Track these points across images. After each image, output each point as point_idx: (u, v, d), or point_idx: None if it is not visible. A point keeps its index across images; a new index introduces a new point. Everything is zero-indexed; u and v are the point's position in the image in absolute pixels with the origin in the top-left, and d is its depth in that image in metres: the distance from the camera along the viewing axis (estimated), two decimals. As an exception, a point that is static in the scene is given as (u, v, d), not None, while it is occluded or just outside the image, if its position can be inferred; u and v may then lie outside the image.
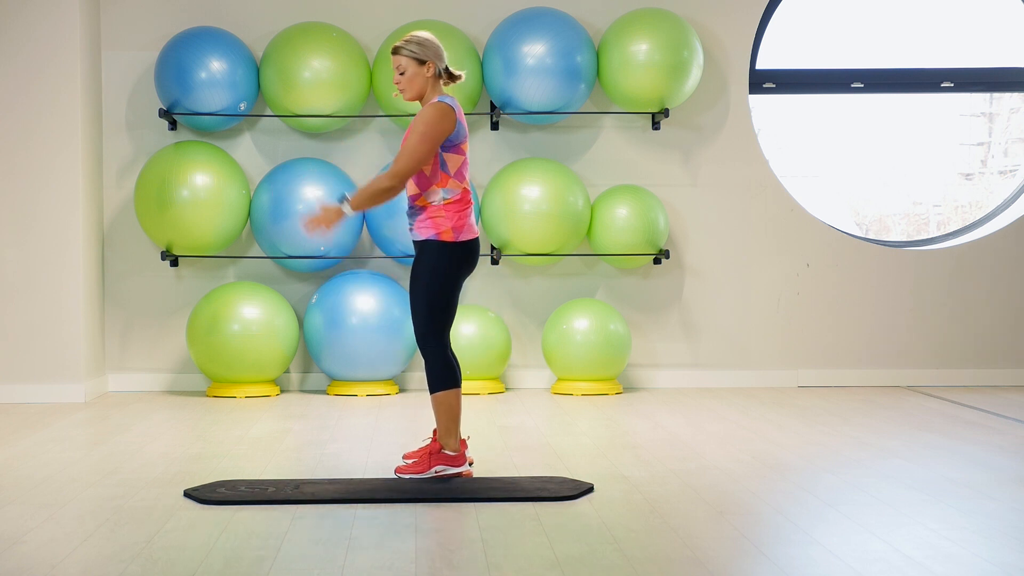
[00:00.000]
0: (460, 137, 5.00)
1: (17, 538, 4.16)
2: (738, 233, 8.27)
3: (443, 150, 4.97)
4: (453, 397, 5.02)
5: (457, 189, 5.01)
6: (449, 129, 4.95)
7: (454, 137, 4.98)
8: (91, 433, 6.40)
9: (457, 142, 5.00)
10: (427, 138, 4.91)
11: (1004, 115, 12.86)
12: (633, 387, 8.20)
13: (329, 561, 3.87)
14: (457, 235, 5.00)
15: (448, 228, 4.99)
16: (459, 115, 5.00)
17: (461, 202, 5.02)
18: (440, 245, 5.00)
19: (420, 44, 5.00)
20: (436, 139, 4.92)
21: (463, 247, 5.03)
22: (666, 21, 7.82)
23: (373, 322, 7.58)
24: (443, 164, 4.98)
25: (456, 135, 4.99)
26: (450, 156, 4.99)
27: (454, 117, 4.96)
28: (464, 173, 5.04)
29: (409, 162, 4.92)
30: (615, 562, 3.86)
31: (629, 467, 5.37)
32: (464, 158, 5.03)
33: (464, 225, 5.03)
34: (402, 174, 4.93)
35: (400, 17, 8.01)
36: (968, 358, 8.39)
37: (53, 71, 7.53)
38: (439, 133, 4.92)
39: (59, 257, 7.55)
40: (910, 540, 4.11)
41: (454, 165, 5.00)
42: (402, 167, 4.93)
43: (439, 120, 4.93)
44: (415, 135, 4.92)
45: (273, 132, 8.08)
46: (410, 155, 4.91)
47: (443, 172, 4.98)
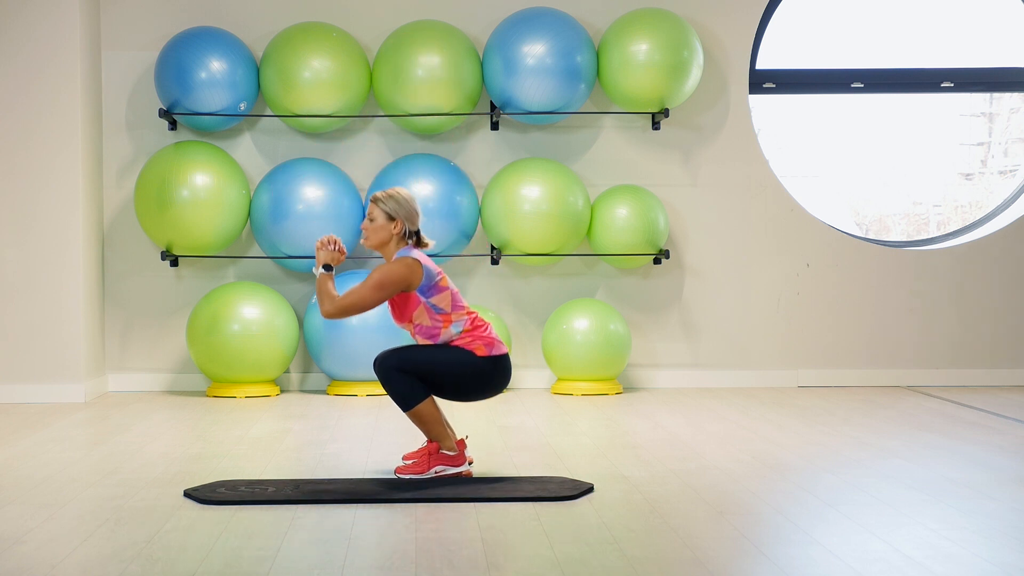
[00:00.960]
0: (433, 279, 4.99)
1: (17, 538, 4.16)
2: (738, 233, 8.27)
3: (426, 298, 4.97)
4: (426, 407, 5.01)
5: (463, 317, 5.02)
6: (415, 281, 4.95)
7: (427, 282, 4.97)
8: (91, 433, 6.40)
9: (433, 283, 4.99)
10: (382, 288, 4.94)
11: (1004, 115, 12.85)
12: (633, 387, 8.20)
13: (329, 561, 3.87)
14: (489, 351, 5.02)
15: (480, 345, 5.01)
16: (424, 260, 4.99)
17: (476, 327, 5.04)
18: (472, 355, 5.00)
19: (396, 201, 5.05)
20: (390, 291, 4.94)
21: (495, 361, 5.03)
22: (666, 21, 7.82)
23: (373, 322, 7.57)
24: (435, 308, 4.98)
25: (428, 280, 4.97)
26: (436, 298, 4.99)
27: (419, 269, 4.96)
28: (460, 303, 5.03)
29: (356, 303, 4.96)
30: (615, 562, 3.86)
31: (629, 467, 5.37)
32: (450, 291, 5.02)
33: (493, 342, 5.04)
34: (342, 310, 4.97)
35: (400, 17, 8.01)
36: (968, 358, 8.39)
37: (53, 71, 7.53)
38: (396, 287, 4.94)
39: (59, 257, 7.55)
40: (910, 540, 4.11)
41: (445, 302, 5.00)
42: (347, 305, 4.97)
43: (403, 276, 4.94)
44: (371, 282, 4.94)
45: (273, 132, 8.08)
46: (359, 298, 4.96)
47: (440, 314, 4.99)
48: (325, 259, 5.08)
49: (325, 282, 5.04)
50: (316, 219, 7.62)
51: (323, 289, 5.03)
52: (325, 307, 5.00)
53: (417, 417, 5.03)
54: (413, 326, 5.04)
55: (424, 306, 4.98)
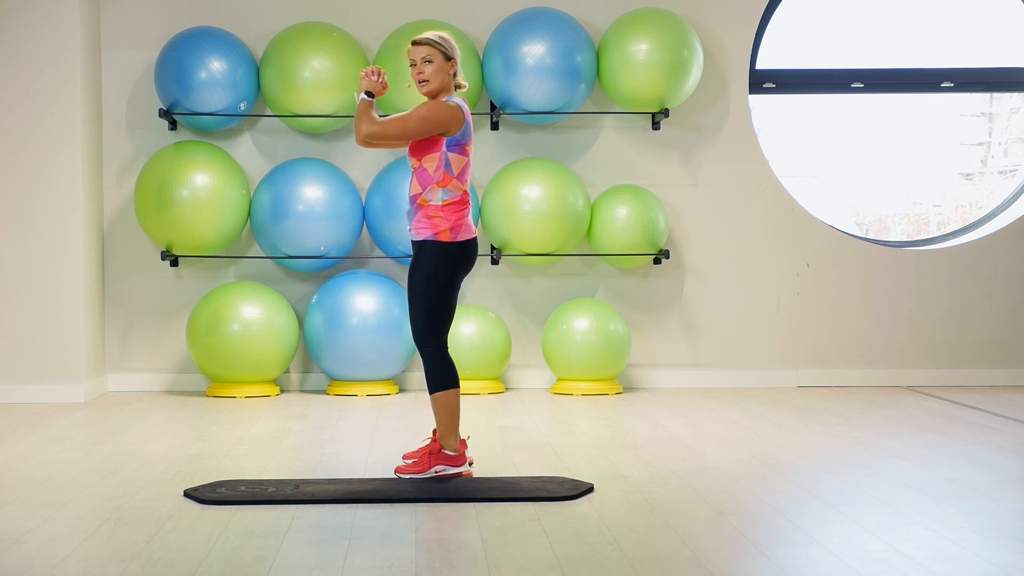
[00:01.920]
0: (466, 138, 5.02)
1: (17, 538, 4.16)
2: (738, 233, 8.27)
3: (449, 150, 4.98)
4: (453, 397, 5.03)
5: (458, 191, 5.03)
6: (454, 128, 4.96)
7: (460, 137, 4.99)
8: (91, 433, 6.40)
9: (463, 143, 5.01)
10: (425, 123, 4.91)
11: (1004, 115, 12.86)
12: (633, 387, 8.20)
13: (329, 561, 3.87)
14: (455, 235, 5.01)
15: (446, 228, 5.00)
16: (467, 117, 5.02)
17: (460, 203, 5.03)
18: (437, 246, 5.01)
19: (449, 41, 5.03)
20: (432, 129, 4.93)
21: (460, 247, 5.04)
22: (666, 21, 7.82)
23: (373, 322, 7.57)
24: (447, 164, 4.98)
25: (463, 135, 5.00)
26: (455, 157, 4.99)
27: (463, 118, 4.98)
28: (466, 176, 5.05)
29: (398, 130, 4.92)
30: (615, 562, 3.86)
31: (629, 467, 5.37)
32: (468, 160, 5.04)
33: (462, 225, 5.04)
34: (384, 134, 4.93)
35: (400, 17, 8.01)
36: (968, 358, 8.39)
37: (53, 71, 7.53)
38: (438, 127, 4.93)
39: (59, 257, 7.55)
40: (910, 540, 4.11)
41: (458, 166, 5.01)
42: (388, 129, 4.92)
43: (446, 117, 4.94)
44: (418, 114, 4.92)
45: (273, 132, 8.08)
46: (401, 126, 4.92)
47: (447, 172, 4.99)
48: (368, 87, 5.02)
49: (367, 107, 4.98)
50: (316, 219, 7.62)
51: (365, 112, 4.96)
52: (366, 128, 4.92)
53: (439, 404, 5.03)
54: (419, 165, 5.02)
55: (442, 155, 4.97)
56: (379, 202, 7.73)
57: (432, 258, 5.02)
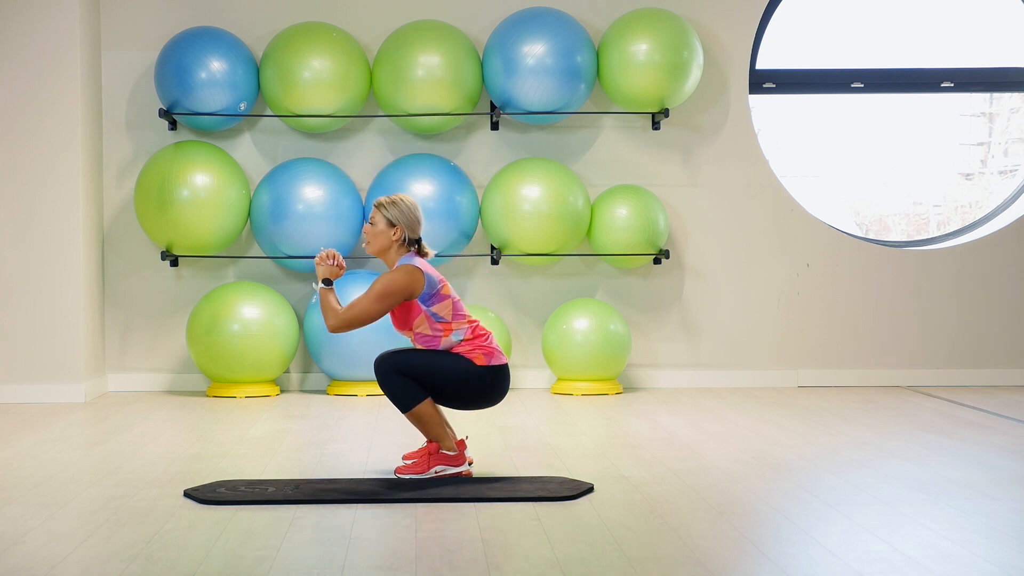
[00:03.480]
0: (435, 287, 4.98)
1: (17, 538, 4.16)
2: (738, 233, 8.27)
3: (427, 306, 4.96)
4: (424, 408, 5.00)
5: (464, 325, 5.02)
6: (417, 289, 4.95)
7: (429, 291, 4.97)
8: (91, 433, 6.40)
9: (435, 292, 4.98)
10: (383, 298, 4.93)
11: (1004, 115, 12.86)
12: (633, 387, 8.20)
13: (329, 561, 3.87)
14: (489, 360, 5.01)
15: (480, 355, 5.00)
16: (426, 268, 4.99)
17: (476, 336, 5.03)
18: (472, 363, 4.99)
19: (398, 208, 5.03)
20: (395, 300, 4.94)
21: (495, 371, 5.02)
22: (666, 21, 7.82)
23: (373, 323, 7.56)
24: (436, 317, 4.98)
25: (430, 288, 4.97)
26: (439, 307, 4.98)
27: (421, 276, 4.95)
28: (461, 311, 5.02)
29: (360, 316, 4.96)
30: (615, 562, 3.86)
31: (629, 467, 5.37)
32: (452, 299, 5.01)
33: (493, 352, 5.03)
34: (347, 324, 4.97)
35: (400, 17, 8.01)
36: (968, 358, 8.39)
37: (53, 71, 7.53)
38: (399, 296, 4.93)
39: (59, 257, 7.54)
40: (910, 540, 4.11)
41: (446, 311, 4.99)
42: (351, 318, 4.96)
43: (405, 284, 4.93)
44: (373, 293, 4.94)
45: (273, 132, 8.08)
46: (362, 310, 4.95)
47: (441, 323, 4.99)
48: (324, 274, 5.06)
49: (327, 296, 5.03)
50: (316, 219, 7.62)
51: (326, 304, 5.02)
52: (330, 322, 4.99)
53: (416, 418, 5.03)
54: (414, 334, 5.04)
55: (425, 314, 4.97)
56: (379, 202, 7.72)
57: (466, 363, 4.98)
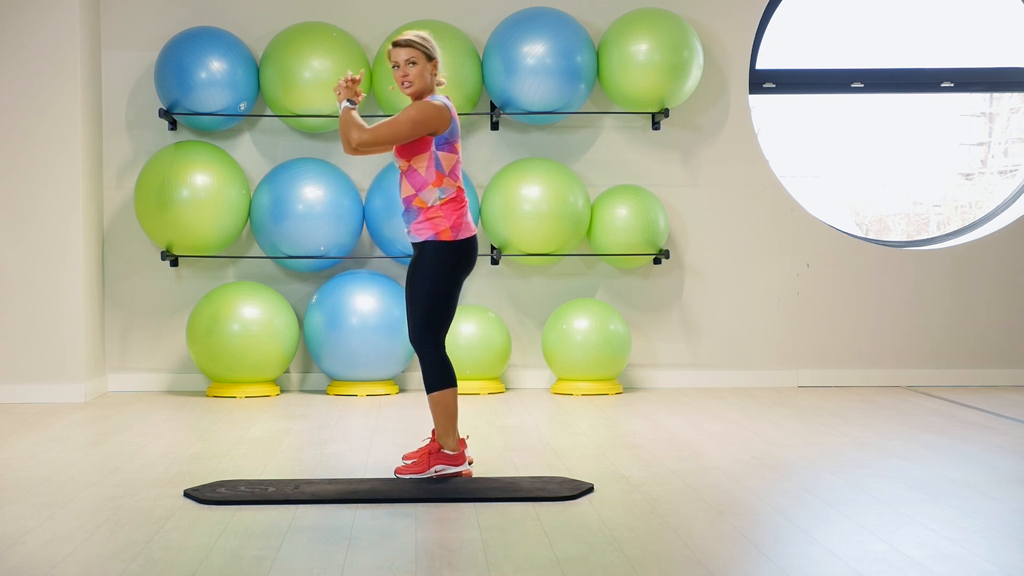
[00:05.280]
0: (454, 136, 5.03)
1: (17, 538, 4.16)
2: (738, 233, 8.27)
3: (438, 148, 4.99)
4: (450, 396, 5.03)
5: (452, 188, 5.03)
6: (442, 128, 4.97)
7: (448, 135, 5.00)
8: (91, 433, 6.40)
9: (452, 140, 5.02)
10: (415, 125, 4.91)
11: (1004, 115, 12.86)
12: (633, 387, 8.20)
13: (329, 561, 3.87)
14: (456, 234, 5.01)
15: (446, 227, 5.00)
16: (454, 115, 5.03)
17: (457, 200, 5.03)
18: (439, 245, 5.01)
19: (430, 41, 5.04)
20: (421, 131, 4.93)
21: (462, 246, 5.04)
22: (666, 21, 7.82)
23: (373, 322, 7.57)
24: (438, 163, 4.99)
25: (450, 133, 5.01)
26: (444, 155, 5.00)
27: (450, 116, 4.99)
28: (458, 172, 5.06)
29: (388, 135, 4.92)
30: (615, 562, 3.86)
31: (629, 467, 5.37)
32: (457, 157, 5.05)
33: (462, 224, 5.04)
34: (375, 139, 4.93)
35: (400, 17, 8.01)
36: (968, 358, 8.39)
37: (53, 71, 7.53)
38: (427, 128, 4.93)
39: (59, 257, 7.54)
40: (910, 540, 4.11)
41: (448, 163, 5.01)
42: (379, 135, 4.92)
43: (434, 117, 4.94)
44: (405, 117, 4.91)
45: (273, 132, 8.08)
46: (391, 130, 4.91)
47: (438, 171, 4.99)
48: (347, 95, 5.04)
49: (350, 114, 4.99)
50: (316, 219, 7.63)
51: (350, 120, 4.97)
52: (356, 136, 4.93)
53: (436, 403, 5.03)
54: (408, 166, 5.01)
55: (431, 154, 4.98)
56: (379, 202, 7.73)
57: (433, 258, 5.02)
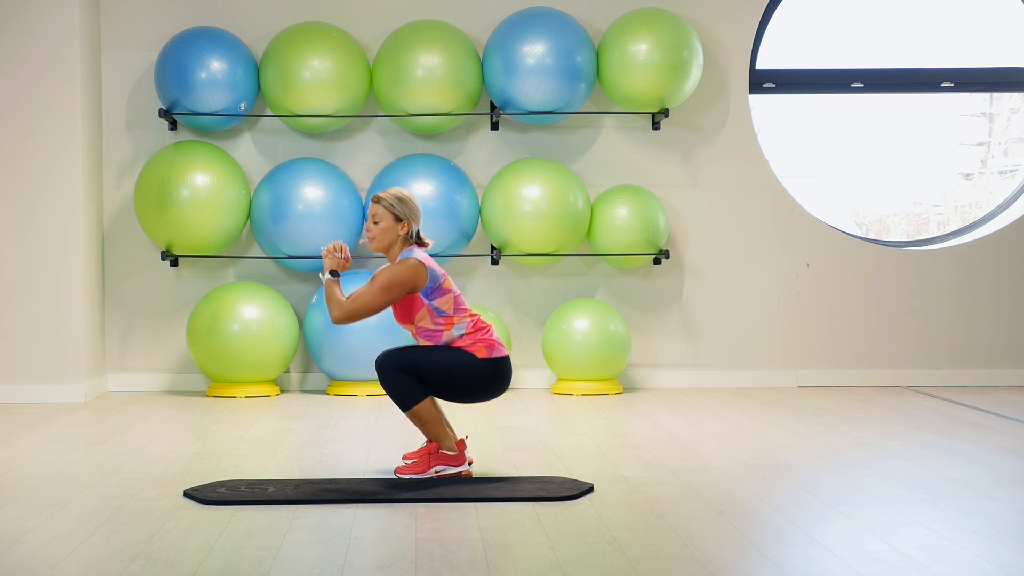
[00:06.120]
0: (437, 281, 4.99)
1: (17, 538, 4.16)
2: (738, 233, 8.27)
3: (429, 300, 4.97)
4: (425, 407, 5.01)
5: (465, 319, 5.02)
6: (420, 283, 4.95)
7: (431, 284, 4.97)
8: (91, 433, 6.40)
9: (438, 285, 4.99)
10: (388, 290, 4.93)
11: (1004, 115, 12.86)
12: (633, 387, 8.20)
13: (329, 561, 3.87)
14: (490, 353, 5.01)
15: (481, 348, 5.01)
16: (427, 262, 4.99)
17: (478, 329, 5.03)
18: (473, 357, 4.99)
19: (402, 201, 5.05)
20: (398, 293, 4.94)
21: (495, 363, 5.02)
22: (666, 21, 7.82)
23: (373, 322, 7.56)
24: (438, 311, 4.98)
25: (432, 281, 4.98)
26: (439, 301, 4.99)
27: (424, 270, 4.96)
28: (463, 305, 5.03)
29: (363, 308, 4.96)
30: (615, 562, 3.86)
31: (629, 467, 5.37)
32: (453, 293, 5.02)
33: (494, 344, 5.04)
34: (350, 315, 4.97)
35: (400, 17, 8.01)
36: (968, 358, 8.39)
37: (53, 71, 7.53)
38: (402, 289, 4.94)
39: (59, 257, 7.54)
40: (910, 540, 4.11)
41: (448, 305, 5.00)
42: (355, 309, 4.96)
43: (406, 279, 4.94)
44: (377, 285, 4.94)
45: (273, 132, 8.08)
46: (365, 303, 4.96)
47: (443, 317, 4.99)
48: (331, 265, 5.08)
49: (332, 288, 5.04)
50: (316, 219, 7.63)
51: (331, 295, 5.02)
52: (334, 313, 4.99)
53: (416, 417, 5.03)
54: (415, 328, 5.04)
55: (427, 308, 4.98)
56: (379, 202, 7.72)
57: (467, 358, 4.98)
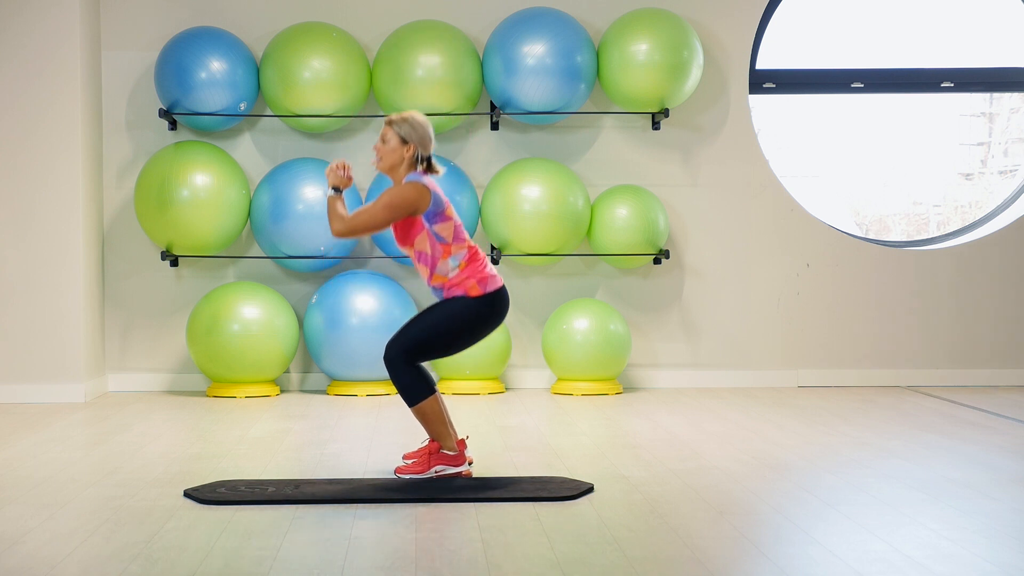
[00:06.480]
0: (440, 206, 5.02)
1: (17, 538, 4.16)
2: (738, 233, 8.27)
3: (430, 224, 5.00)
4: (432, 403, 5.02)
5: (463, 250, 5.04)
6: (423, 206, 4.98)
7: (434, 208, 5.01)
8: (91, 433, 6.40)
9: (440, 211, 5.02)
10: (391, 209, 4.97)
11: (1004, 115, 12.86)
12: (633, 387, 8.20)
13: (329, 561, 3.87)
14: (484, 287, 5.02)
15: (474, 284, 5.02)
16: (432, 187, 5.02)
17: (473, 259, 5.05)
18: (470, 300, 5.02)
19: (409, 124, 5.07)
20: (400, 214, 4.98)
21: (491, 299, 5.04)
22: (666, 21, 7.82)
23: (373, 322, 7.57)
24: (437, 236, 5.01)
25: (435, 206, 5.01)
26: (440, 227, 5.01)
27: (428, 193, 4.99)
28: (462, 234, 5.06)
29: (366, 223, 5.01)
30: (615, 562, 3.86)
31: (629, 467, 5.37)
32: (454, 221, 5.05)
33: (487, 277, 5.05)
34: (352, 230, 5.02)
35: (400, 17, 8.01)
36: (968, 358, 8.39)
37: (53, 71, 7.53)
38: (405, 210, 4.97)
39: (59, 257, 7.55)
40: (910, 540, 4.11)
41: (448, 232, 5.02)
42: (357, 224, 5.01)
43: (410, 198, 4.97)
44: (381, 203, 4.98)
45: (273, 132, 8.08)
46: (369, 218, 5.00)
47: (441, 243, 5.01)
48: (334, 182, 5.11)
49: (335, 203, 5.08)
50: (316, 219, 7.62)
51: (333, 209, 5.06)
52: (335, 226, 5.04)
53: (421, 413, 5.03)
54: (414, 251, 5.07)
55: (427, 232, 5.00)
56: (379, 202, 7.72)
57: (465, 308, 5.01)
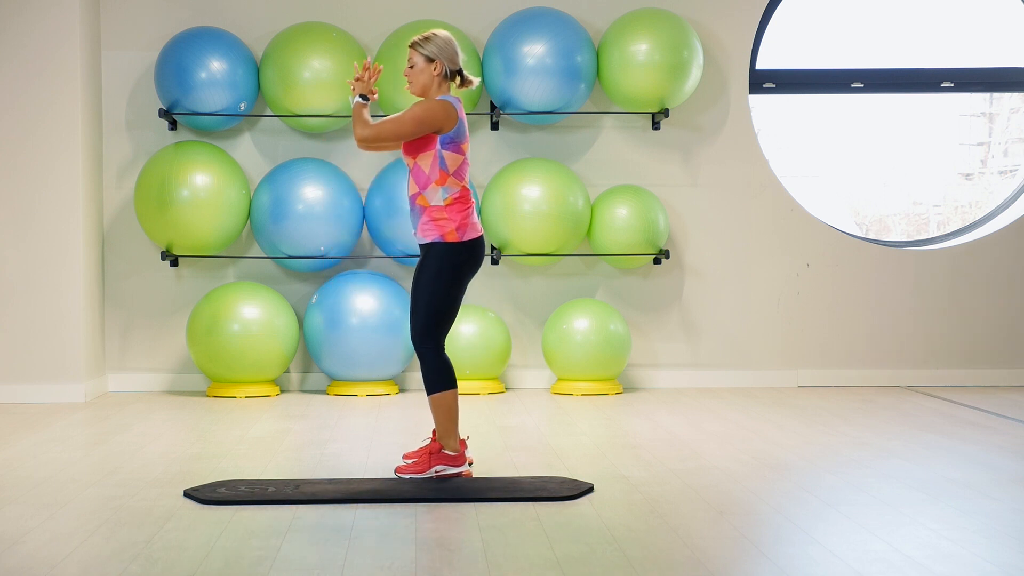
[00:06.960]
0: (461, 136, 5.04)
1: (17, 538, 4.16)
2: (738, 233, 8.27)
3: (443, 147, 5.01)
4: (450, 397, 5.04)
5: (456, 187, 5.04)
6: (448, 126, 4.99)
7: (454, 134, 5.02)
8: (91, 433, 6.40)
9: (458, 141, 5.03)
10: (418, 122, 4.97)
11: (1004, 115, 12.86)
12: (633, 387, 8.20)
13: (329, 561, 3.87)
14: (462, 235, 5.03)
15: (452, 229, 5.02)
16: (461, 115, 5.05)
17: (462, 201, 5.04)
18: (445, 247, 5.02)
19: (434, 44, 5.08)
20: (425, 128, 4.98)
21: (468, 247, 5.05)
22: (666, 21, 7.82)
23: (373, 322, 7.58)
24: (442, 161, 5.00)
25: (456, 134, 5.02)
26: (449, 155, 5.01)
27: (456, 116, 5.01)
28: (463, 173, 5.08)
29: (389, 132, 4.99)
30: (615, 562, 3.86)
31: (629, 467, 5.37)
32: (464, 159, 5.07)
33: (468, 224, 5.05)
34: (377, 136, 5.00)
35: (400, 17, 8.01)
36: (968, 358, 8.39)
37: (53, 71, 7.53)
38: (431, 125, 4.98)
39: (59, 257, 7.54)
40: (910, 540, 4.11)
41: (453, 164, 5.02)
42: (383, 131, 5.00)
43: (438, 115, 4.99)
44: (410, 114, 4.99)
45: (273, 132, 8.08)
46: (397, 126, 4.99)
47: (442, 170, 5.01)
48: (361, 90, 5.12)
49: (361, 110, 5.08)
50: (316, 219, 7.62)
51: (359, 116, 5.06)
52: (360, 132, 5.03)
53: (436, 405, 5.05)
54: (414, 164, 5.06)
55: (436, 153, 5.01)
56: (379, 202, 7.73)
57: (439, 260, 5.03)
